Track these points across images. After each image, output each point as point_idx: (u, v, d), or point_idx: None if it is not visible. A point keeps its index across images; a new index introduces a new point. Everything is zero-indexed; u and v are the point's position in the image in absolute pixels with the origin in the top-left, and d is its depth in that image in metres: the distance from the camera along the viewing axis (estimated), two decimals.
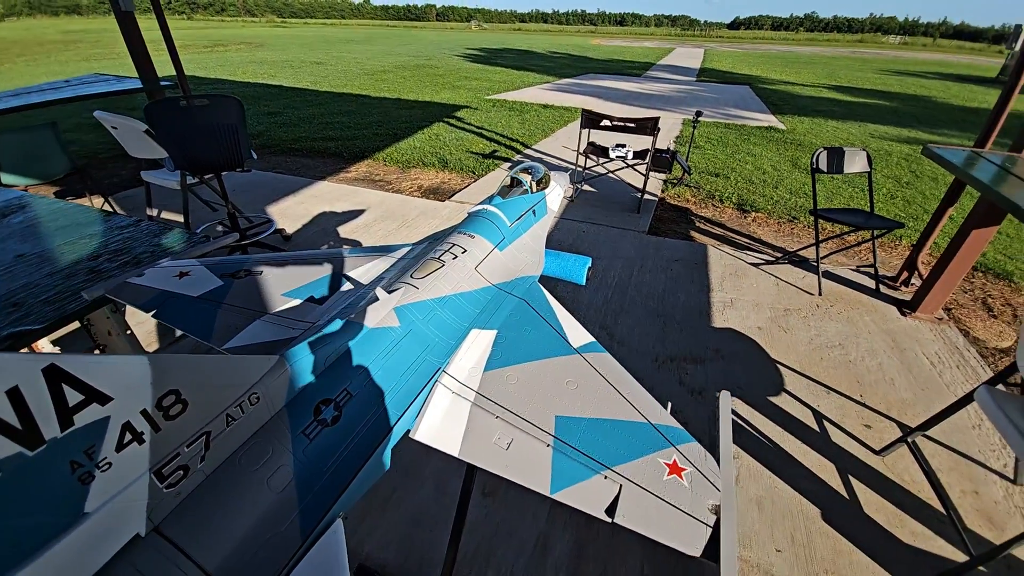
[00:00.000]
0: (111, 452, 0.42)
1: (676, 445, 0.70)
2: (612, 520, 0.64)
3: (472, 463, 0.70)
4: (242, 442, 0.55)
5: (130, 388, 0.43)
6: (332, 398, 0.64)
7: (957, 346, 2.64)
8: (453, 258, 0.94)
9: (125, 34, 4.17)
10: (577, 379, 0.78)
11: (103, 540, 0.43)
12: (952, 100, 12.56)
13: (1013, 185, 1.99)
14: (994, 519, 1.73)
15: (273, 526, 0.53)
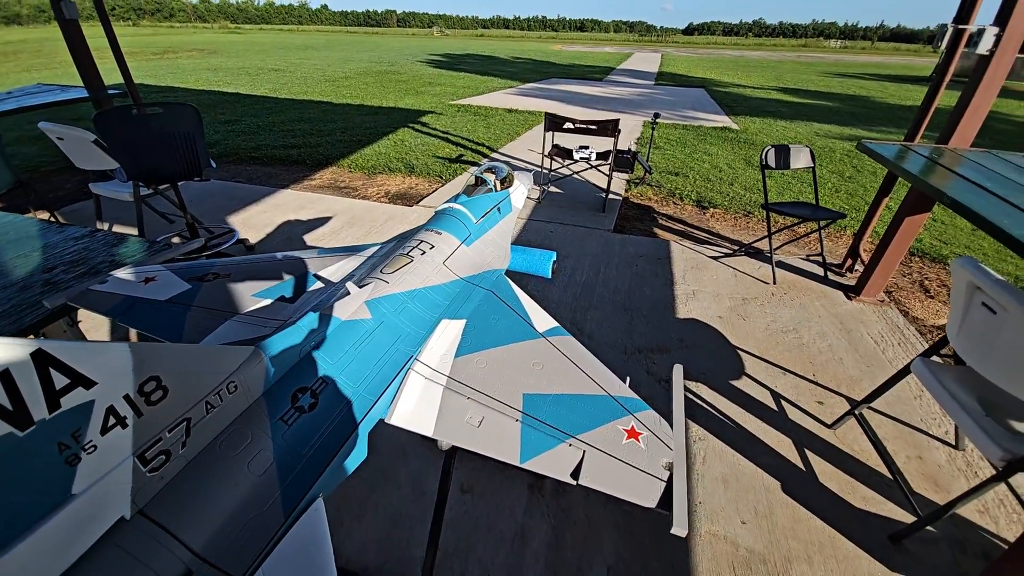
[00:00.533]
0: (96, 435, 0.44)
1: (633, 413, 0.75)
2: (577, 482, 0.69)
3: (447, 440, 0.73)
4: (222, 429, 0.56)
5: (113, 374, 0.44)
6: (308, 386, 0.66)
7: (898, 325, 2.85)
8: (421, 254, 0.98)
9: (69, 42, 4.00)
10: (542, 360, 0.84)
11: (90, 521, 0.44)
12: (889, 99, 13.45)
13: (939, 174, 2.18)
14: (939, 481, 1.88)
15: (256, 506, 0.55)
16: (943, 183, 2.03)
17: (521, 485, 1.79)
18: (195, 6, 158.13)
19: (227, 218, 4.08)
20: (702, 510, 1.72)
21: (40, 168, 5.35)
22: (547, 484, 1.80)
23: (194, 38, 37.72)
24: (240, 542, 0.52)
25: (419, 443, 1.95)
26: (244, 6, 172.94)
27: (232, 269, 0.92)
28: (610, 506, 1.71)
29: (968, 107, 2.38)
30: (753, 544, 1.61)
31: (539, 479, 1.81)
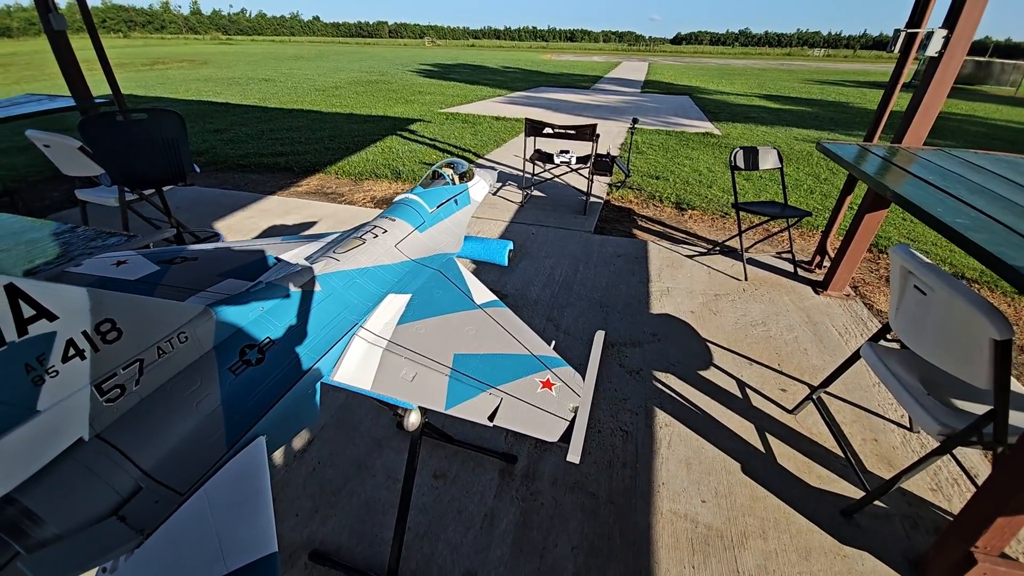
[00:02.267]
0: (58, 362, 0.51)
1: (551, 368, 0.84)
2: (492, 423, 0.76)
3: (381, 394, 0.81)
4: (174, 373, 0.64)
5: (72, 311, 0.51)
6: (257, 343, 0.74)
7: (862, 317, 2.96)
8: (374, 237, 1.08)
9: (57, 53, 4.07)
10: (476, 327, 0.92)
11: (51, 436, 0.51)
12: (867, 104, 13.79)
13: (888, 171, 2.30)
14: (893, 462, 1.97)
15: (202, 439, 0.62)
16: (889, 179, 2.14)
17: (492, 471, 1.86)
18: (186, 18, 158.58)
19: (213, 223, 4.14)
20: (664, 491, 1.80)
21: (27, 178, 5.38)
22: (517, 470, 1.87)
23: (185, 49, 37.83)
24: (186, 466, 0.59)
25: (394, 435, 2.01)
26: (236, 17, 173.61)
27: (199, 254, 0.99)
28: (577, 491, 1.79)
29: (919, 107, 2.51)
30: (712, 521, 1.69)
31: (509, 465, 1.88)
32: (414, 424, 1.19)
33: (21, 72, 18.10)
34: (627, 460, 1.92)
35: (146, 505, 0.55)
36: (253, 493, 0.56)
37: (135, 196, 3.17)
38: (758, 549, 1.60)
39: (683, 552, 1.59)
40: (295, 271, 0.87)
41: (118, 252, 0.97)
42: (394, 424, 2.04)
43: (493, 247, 1.30)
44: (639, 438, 2.03)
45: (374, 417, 2.07)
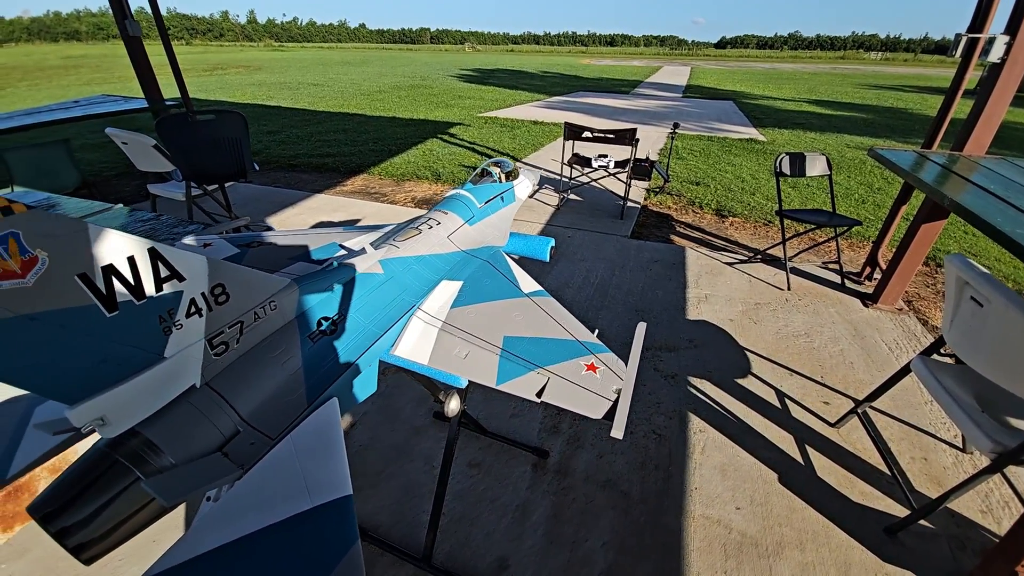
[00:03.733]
0: (183, 317, 0.60)
1: (595, 354, 0.88)
2: (540, 399, 0.82)
3: (436, 369, 0.88)
4: (264, 336, 0.73)
5: (196, 275, 0.61)
6: (331, 316, 0.83)
7: (915, 333, 2.83)
8: (429, 228, 1.16)
9: (132, 57, 4.42)
10: (523, 312, 0.98)
11: (172, 380, 0.60)
12: (928, 111, 13.02)
13: (948, 179, 2.21)
14: (943, 482, 1.89)
15: (287, 394, 0.71)
16: (947, 187, 2.06)
17: (525, 464, 1.91)
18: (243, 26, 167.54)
19: (266, 219, 4.39)
20: (697, 495, 1.79)
21: (101, 173, 5.86)
22: (549, 464, 1.90)
23: (241, 55, 40.05)
24: (275, 416, 0.68)
25: (432, 424, 2.09)
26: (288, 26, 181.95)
27: (273, 239, 1.11)
28: (609, 488, 1.81)
29: (981, 115, 2.40)
30: (746, 528, 1.67)
31: (542, 459, 1.92)
32: (454, 410, 1.25)
33: (91, 74, 19.63)
34: (660, 462, 1.93)
35: (244, 446, 0.63)
36: (330, 444, 0.64)
37: (199, 191, 3.42)
38: (795, 560, 1.57)
39: (715, 556, 1.58)
40: (361, 255, 0.96)
41: (204, 236, 1.09)
42: (431, 414, 2.12)
43: (536, 243, 1.36)
44: (673, 441, 2.02)
45: (414, 406, 2.16)
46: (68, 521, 0.51)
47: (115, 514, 0.54)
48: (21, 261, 0.45)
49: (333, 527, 0.54)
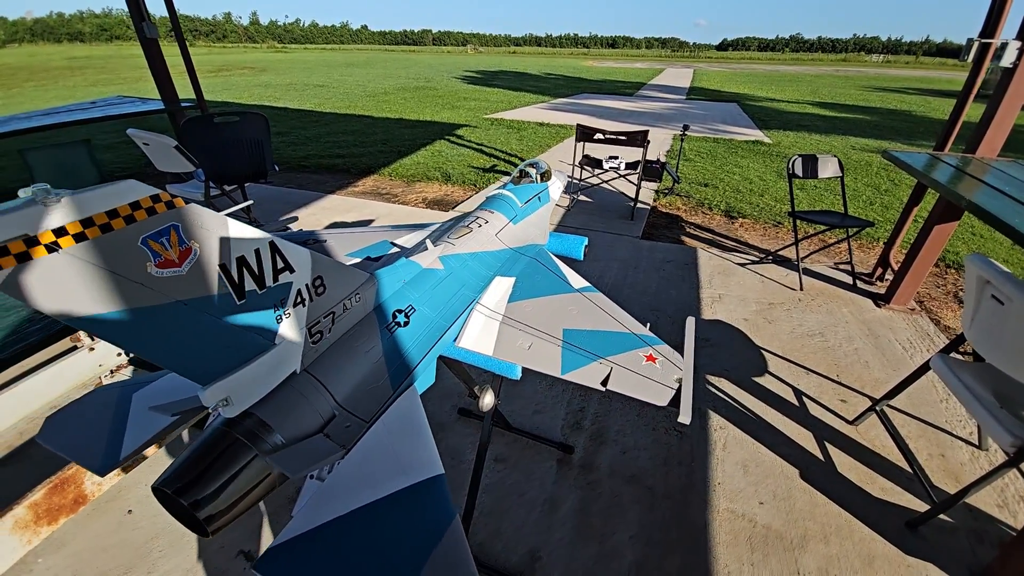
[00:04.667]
0: (291, 306, 0.65)
1: (652, 345, 0.92)
2: (606, 388, 0.86)
3: (502, 359, 0.92)
4: (350, 327, 0.77)
5: (302, 267, 0.65)
6: (403, 309, 0.87)
7: (928, 333, 2.86)
8: (479, 226, 1.20)
9: (149, 58, 4.47)
10: (578, 307, 1.03)
11: (280, 365, 0.65)
12: (932, 114, 13.06)
13: (962, 181, 2.25)
14: (960, 478, 1.92)
15: (373, 381, 0.75)
16: (964, 189, 2.10)
17: (550, 460, 1.95)
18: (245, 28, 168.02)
19: (281, 219, 4.44)
20: (721, 490, 1.83)
21: (114, 174, 5.92)
22: (574, 459, 1.94)
23: (245, 57, 40.20)
24: (365, 400, 0.72)
25: (456, 420, 2.13)
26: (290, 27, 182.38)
27: (327, 237, 1.15)
28: (634, 484, 1.84)
29: (994, 119, 2.44)
30: (770, 522, 1.71)
31: (567, 455, 1.95)
32: (488, 405, 1.29)
33: (97, 75, 19.68)
34: (683, 459, 1.96)
35: (341, 428, 0.67)
36: (417, 427, 0.68)
37: (217, 192, 3.47)
38: (819, 553, 1.61)
39: (741, 549, 1.62)
40: (422, 252, 1.01)
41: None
42: (456, 410, 2.16)
43: (571, 242, 1.40)
44: (694, 438, 2.06)
45: (438, 402, 2.20)
46: (199, 494, 0.55)
47: (238, 488, 0.58)
48: (179, 251, 0.49)
49: (433, 502, 0.58)
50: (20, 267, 0.40)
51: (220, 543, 1.61)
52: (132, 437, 0.66)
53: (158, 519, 1.68)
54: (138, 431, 0.67)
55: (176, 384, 0.74)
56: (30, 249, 0.41)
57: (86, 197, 0.45)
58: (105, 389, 0.76)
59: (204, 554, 1.57)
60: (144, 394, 0.72)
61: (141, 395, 0.72)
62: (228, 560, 1.55)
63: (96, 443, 0.66)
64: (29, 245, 0.41)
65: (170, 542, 1.62)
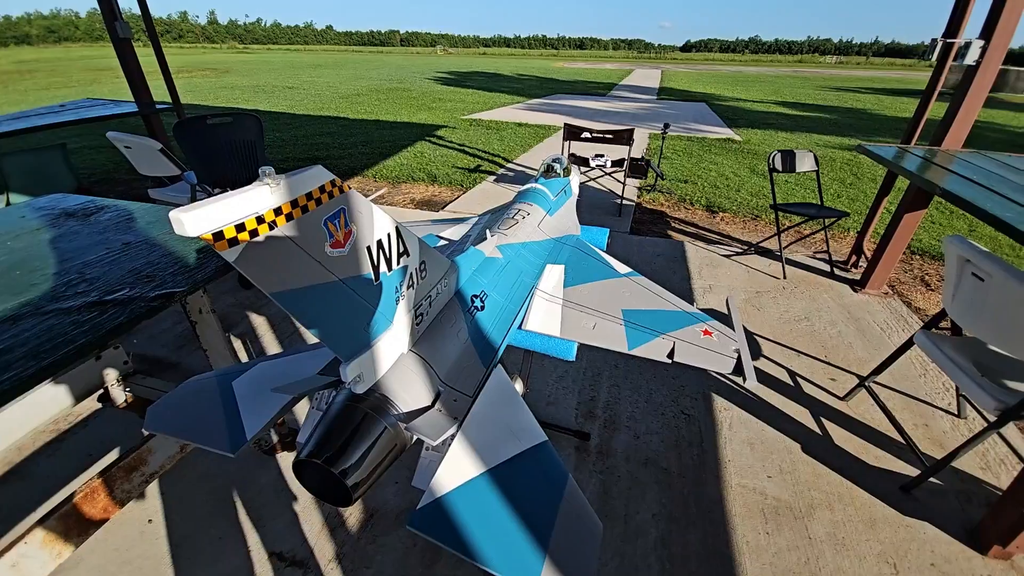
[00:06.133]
0: (404, 288, 0.68)
1: (704, 321, 1.00)
2: (672, 360, 0.92)
3: (572, 340, 0.97)
4: (439, 310, 0.81)
5: (414, 251, 0.68)
6: (477, 294, 0.91)
7: (902, 314, 3.07)
8: (523, 217, 1.26)
9: (122, 59, 4.31)
10: (629, 290, 1.09)
11: (395, 343, 0.68)
12: (885, 111, 13.83)
13: (933, 171, 2.43)
14: (944, 444, 2.09)
15: (466, 360, 0.79)
16: (936, 177, 2.27)
17: (568, 448, 2.00)
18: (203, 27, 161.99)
19: None
20: (732, 467, 1.93)
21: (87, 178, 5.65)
22: (591, 446, 2.01)
23: (205, 58, 38.79)
24: (464, 378, 0.75)
25: None
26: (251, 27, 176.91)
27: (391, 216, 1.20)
28: (650, 466, 1.92)
29: (957, 114, 2.64)
30: (779, 494, 1.81)
31: (583, 441, 2.02)
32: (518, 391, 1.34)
33: (48, 78, 18.63)
34: (692, 440, 2.06)
35: (449, 402, 0.70)
36: (513, 399, 0.72)
37: (205, 196, 3.38)
38: (826, 519, 1.72)
39: (756, 520, 1.72)
40: (483, 240, 1.05)
41: None
42: None
43: (595, 233, 1.47)
44: (701, 420, 2.16)
45: None
46: (346, 463, 0.58)
47: (376, 457, 0.61)
48: (344, 233, 0.52)
49: (547, 464, 0.62)
50: (251, 242, 0.43)
51: (250, 545, 1.60)
52: (252, 418, 0.68)
53: (181, 526, 1.65)
54: (256, 412, 0.68)
55: (269, 372, 0.75)
56: (259, 226, 0.43)
57: (294, 181, 0.48)
58: (196, 381, 0.76)
59: (235, 558, 1.56)
60: (244, 382, 0.73)
61: (241, 383, 0.73)
62: (261, 563, 1.54)
63: (214, 426, 0.68)
64: (259, 223, 0.43)
65: (196, 550, 1.60)
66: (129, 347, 2.03)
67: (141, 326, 1.22)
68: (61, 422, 2.13)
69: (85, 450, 1.98)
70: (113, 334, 1.03)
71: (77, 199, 1.82)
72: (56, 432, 2.08)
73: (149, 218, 1.60)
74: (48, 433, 2.08)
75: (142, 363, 2.43)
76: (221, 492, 1.77)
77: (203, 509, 1.72)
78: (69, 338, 0.99)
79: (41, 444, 2.01)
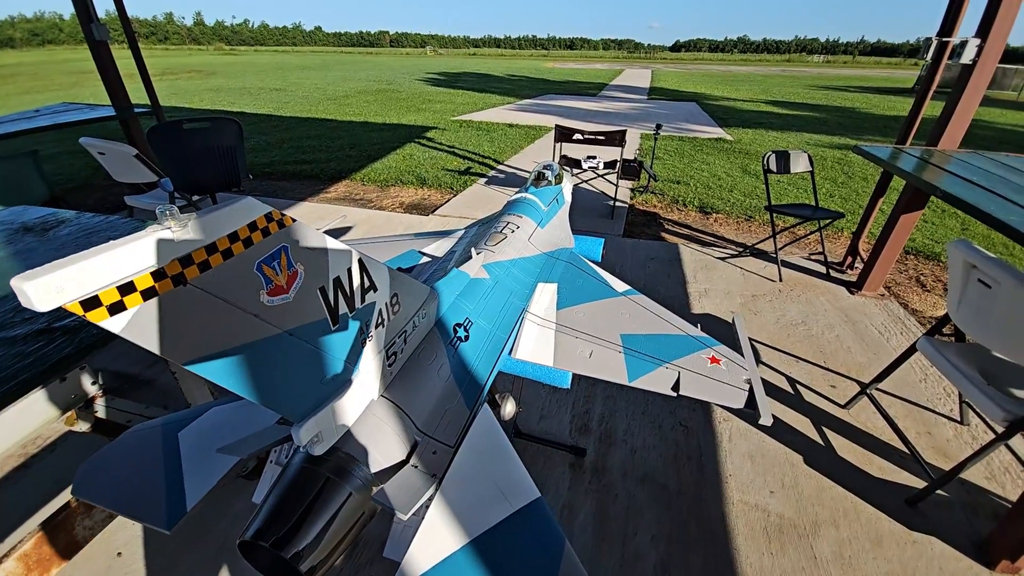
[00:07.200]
0: (372, 328, 0.59)
1: (711, 347, 0.91)
2: (678, 394, 0.84)
3: (566, 369, 0.89)
4: (416, 345, 0.71)
5: (383, 285, 0.59)
6: (461, 323, 0.82)
7: (899, 317, 3.03)
8: (512, 231, 1.17)
9: (98, 62, 4.17)
10: (628, 311, 1.01)
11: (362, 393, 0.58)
12: (873, 110, 13.91)
13: (931, 172, 2.38)
14: (948, 453, 2.03)
15: (448, 401, 0.70)
16: (936, 179, 2.22)
17: (563, 465, 1.92)
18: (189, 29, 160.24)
19: None
20: (732, 482, 1.85)
21: (58, 185, 5.48)
22: (586, 463, 1.93)
23: (190, 60, 38.26)
24: (444, 424, 0.67)
25: None
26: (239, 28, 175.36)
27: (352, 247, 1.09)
28: (648, 483, 1.85)
29: (954, 113, 2.60)
30: (783, 511, 1.74)
31: (579, 458, 1.94)
32: (510, 413, 1.25)
33: (30, 82, 18.25)
34: (691, 454, 1.98)
35: (427, 455, 0.62)
36: (502, 448, 0.64)
37: (183, 203, 3.26)
38: (832, 537, 1.66)
39: (759, 540, 1.65)
40: (467, 259, 0.96)
41: None
42: None
43: (588, 244, 1.39)
44: (700, 433, 2.09)
45: None
46: (300, 544, 0.49)
47: (338, 531, 0.52)
48: (287, 276, 0.43)
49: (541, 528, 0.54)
50: (145, 305, 0.33)
51: None
52: (195, 481, 0.59)
53: (151, 561, 1.55)
54: (199, 475, 0.59)
55: (221, 419, 0.66)
56: (157, 283, 0.34)
57: (209, 219, 0.39)
58: (139, 432, 0.67)
59: None
60: (190, 433, 0.64)
61: (187, 435, 0.64)
62: None
63: (150, 493, 0.58)
64: (157, 279, 0.34)
65: None
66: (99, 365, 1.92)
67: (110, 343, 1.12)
68: (29, 446, 2.01)
69: (53, 476, 1.87)
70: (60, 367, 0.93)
71: (40, 212, 1.71)
72: (24, 456, 1.96)
73: (111, 233, 1.49)
74: (16, 458, 1.97)
75: (115, 381, 2.31)
76: (194, 520, 1.67)
77: (175, 540, 1.61)
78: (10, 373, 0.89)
79: (10, 469, 1.90)
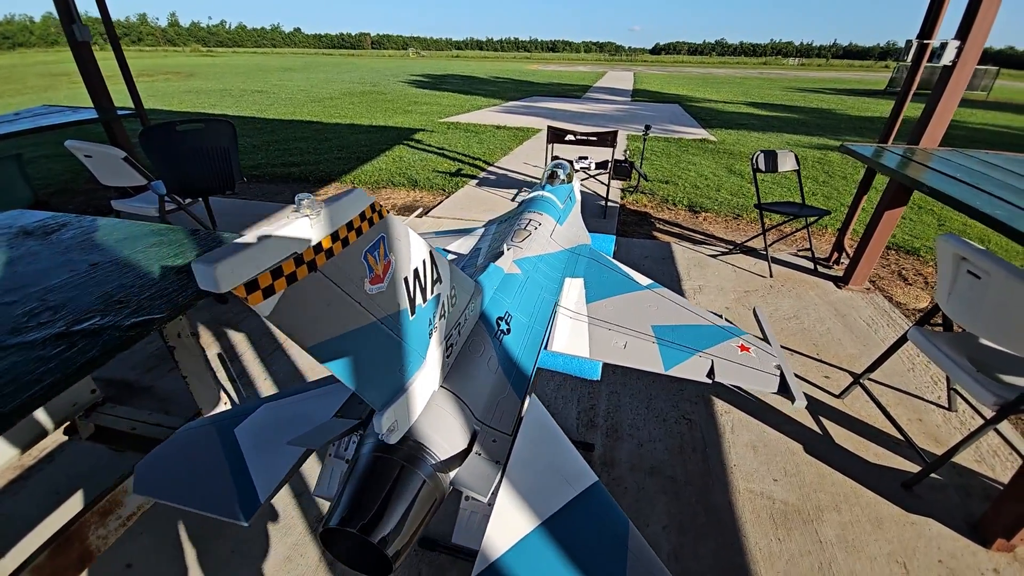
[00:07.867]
0: (437, 320, 0.60)
1: (739, 336, 0.95)
2: (713, 380, 0.87)
3: (601, 360, 0.91)
4: (466, 337, 0.73)
5: (446, 277, 0.60)
6: (502, 316, 0.83)
7: (885, 309, 3.14)
8: (535, 228, 1.19)
9: (80, 63, 4.08)
10: (655, 304, 1.04)
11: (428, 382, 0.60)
12: (849, 111, 14.34)
13: (915, 169, 2.48)
14: (939, 438, 2.12)
15: (500, 391, 0.71)
16: (920, 175, 2.32)
17: None
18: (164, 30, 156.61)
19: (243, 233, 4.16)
20: (737, 472, 1.90)
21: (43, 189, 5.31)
22: (595, 458, 1.95)
23: (167, 61, 37.41)
24: (500, 414, 0.68)
25: None
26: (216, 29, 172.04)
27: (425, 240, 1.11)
28: (656, 475, 1.88)
29: (934, 113, 2.71)
30: (787, 497, 1.80)
31: (587, 452, 1.96)
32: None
33: (3, 86, 17.64)
34: (696, 445, 2.03)
35: (488, 443, 0.63)
36: (555, 436, 0.65)
37: (173, 206, 3.20)
38: (835, 521, 1.71)
39: (766, 526, 1.69)
40: (499, 255, 0.98)
41: None
42: None
43: (600, 240, 1.42)
44: (703, 425, 2.13)
45: None
46: (385, 529, 0.49)
47: (416, 516, 0.53)
48: (383, 265, 0.44)
49: (604, 510, 0.56)
50: (288, 290, 0.34)
51: None
52: (263, 475, 0.59)
53: (164, 570, 1.52)
54: (266, 468, 0.59)
55: (275, 415, 0.66)
56: (297, 268, 0.35)
57: (334, 208, 0.40)
58: (191, 429, 0.67)
59: None
60: (248, 429, 0.64)
61: (244, 431, 0.64)
62: None
63: (218, 487, 0.58)
64: (297, 264, 0.35)
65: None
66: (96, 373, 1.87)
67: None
68: (25, 457, 1.95)
69: (52, 488, 1.82)
70: (84, 370, 0.92)
71: (36, 215, 1.67)
72: (20, 468, 1.91)
73: (118, 234, 1.47)
74: (13, 470, 1.91)
75: (109, 388, 2.26)
76: (207, 528, 1.65)
77: (188, 549, 1.59)
78: (35, 377, 0.88)
79: (6, 482, 1.84)
